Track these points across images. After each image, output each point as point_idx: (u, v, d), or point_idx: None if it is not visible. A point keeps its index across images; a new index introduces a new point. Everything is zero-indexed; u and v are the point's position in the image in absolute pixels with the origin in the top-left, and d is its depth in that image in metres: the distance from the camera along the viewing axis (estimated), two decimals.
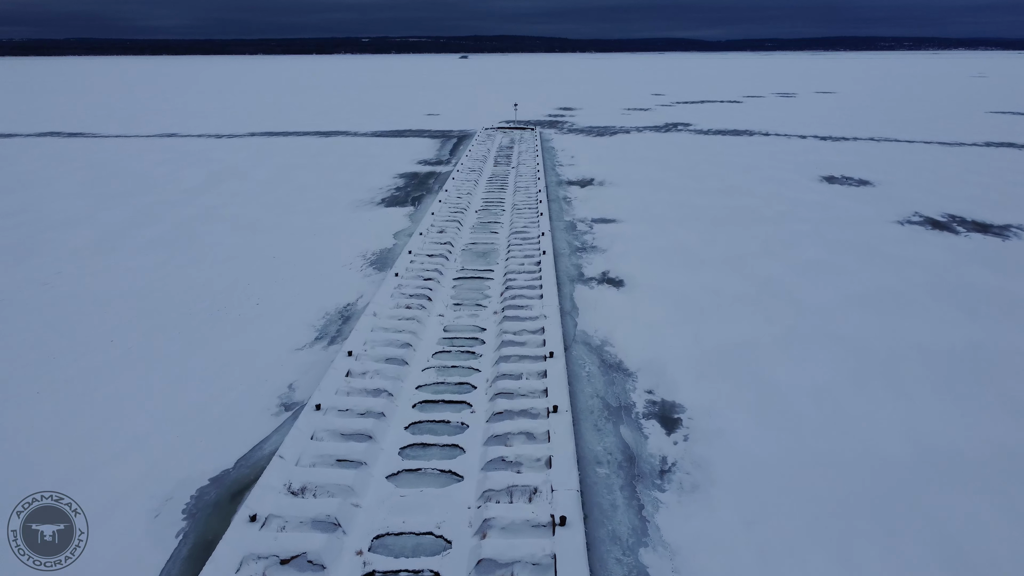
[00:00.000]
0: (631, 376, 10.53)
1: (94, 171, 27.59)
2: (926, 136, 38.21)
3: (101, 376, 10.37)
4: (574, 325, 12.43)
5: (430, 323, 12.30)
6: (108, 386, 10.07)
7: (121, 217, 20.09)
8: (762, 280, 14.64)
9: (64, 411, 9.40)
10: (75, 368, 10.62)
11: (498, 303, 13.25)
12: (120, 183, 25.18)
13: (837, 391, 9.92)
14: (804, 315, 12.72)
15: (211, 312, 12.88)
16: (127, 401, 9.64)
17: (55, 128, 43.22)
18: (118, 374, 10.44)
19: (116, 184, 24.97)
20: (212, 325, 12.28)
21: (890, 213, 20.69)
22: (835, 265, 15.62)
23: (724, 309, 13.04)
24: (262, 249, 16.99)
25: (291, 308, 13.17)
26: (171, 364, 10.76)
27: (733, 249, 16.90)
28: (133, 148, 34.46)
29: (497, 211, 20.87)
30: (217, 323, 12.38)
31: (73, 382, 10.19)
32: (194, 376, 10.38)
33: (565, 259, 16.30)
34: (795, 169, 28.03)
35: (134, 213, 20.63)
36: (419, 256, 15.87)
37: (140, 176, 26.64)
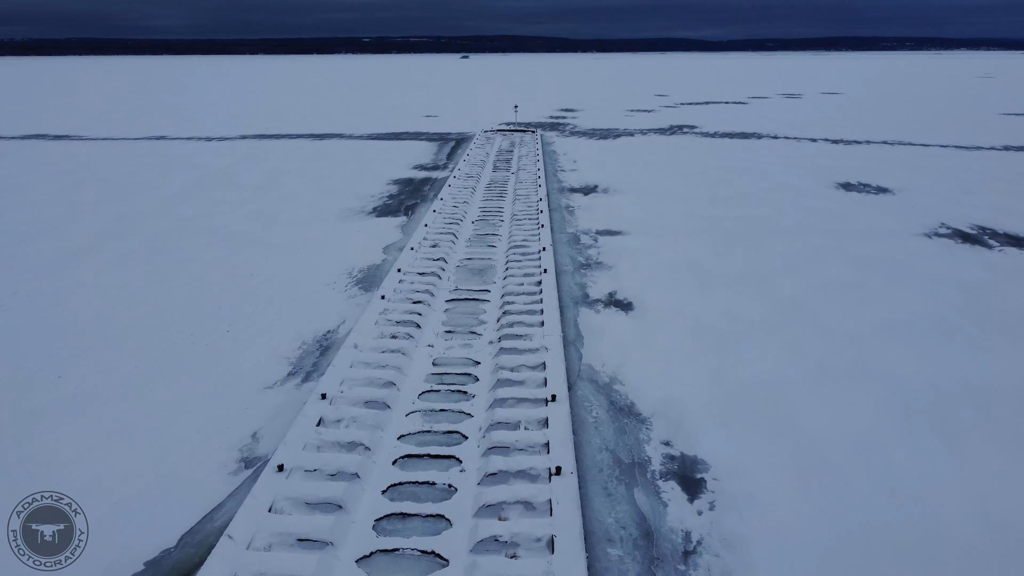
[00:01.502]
0: (645, 423, 9.22)
1: (72, 177, 26.29)
2: (941, 139, 36.86)
3: (38, 424, 9.06)
4: (579, 358, 11.12)
5: (418, 356, 10.98)
6: (44, 437, 8.76)
7: (92, 229, 18.79)
8: (784, 303, 13.32)
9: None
10: (9, 412, 9.31)
11: (494, 330, 11.95)
12: (97, 190, 23.88)
13: (883, 444, 8.60)
14: (835, 346, 11.40)
15: (175, 342, 11.57)
16: (62, 457, 8.32)
17: (41, 131, 41.94)
18: (58, 422, 9.12)
19: (93, 191, 23.68)
20: (174, 358, 10.97)
21: (914, 224, 19.36)
22: (863, 285, 14.30)
23: (745, 338, 11.73)
24: (239, 266, 15.69)
25: (265, 336, 11.86)
26: (121, 408, 9.45)
27: (750, 266, 15.59)
28: (118, 152, 33.16)
29: (495, 222, 19.56)
30: (180, 355, 11.07)
31: (3, 430, 8.88)
32: (145, 423, 9.07)
33: (568, 277, 14.99)
34: (809, 175, 26.70)
35: (107, 224, 19.33)
36: (409, 275, 14.56)
37: (120, 183, 25.34)
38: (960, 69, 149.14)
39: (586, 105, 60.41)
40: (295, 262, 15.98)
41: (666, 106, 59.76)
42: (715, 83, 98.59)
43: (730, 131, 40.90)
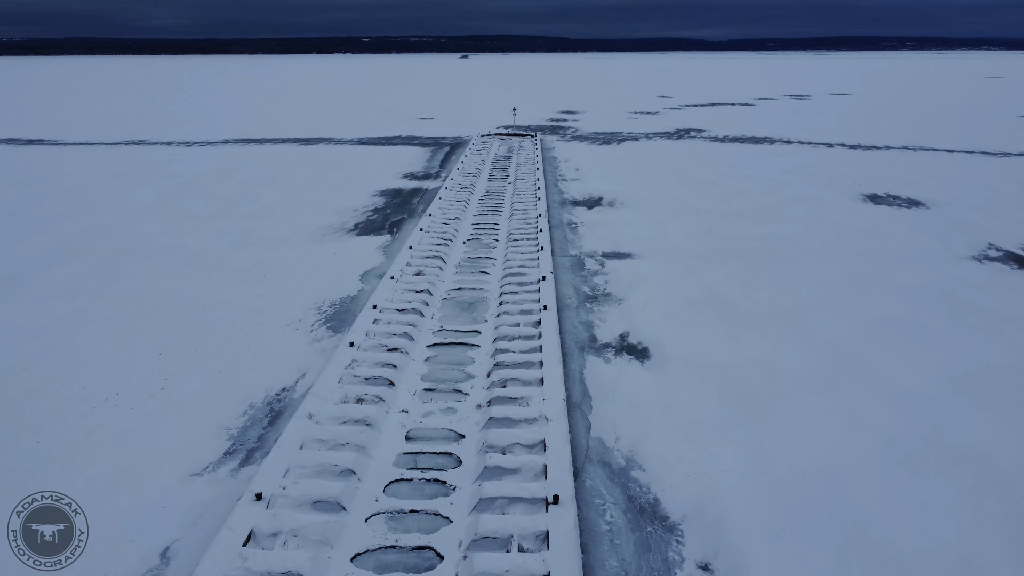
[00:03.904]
0: (674, 531, 7.12)
1: (30, 188, 24.16)
2: (964, 144, 34.77)
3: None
4: (587, 428, 9.02)
5: (388, 426, 8.89)
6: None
7: (38, 249, 16.69)
8: (828, 350, 11.23)
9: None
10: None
11: (484, 387, 9.87)
12: (56, 202, 21.77)
13: (993, 569, 6.51)
14: (901, 412, 9.30)
15: (91, 407, 9.45)
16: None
17: (14, 135, 39.81)
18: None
19: (50, 204, 21.57)
20: (86, 434, 8.84)
21: (959, 245, 17.27)
22: (918, 326, 12.20)
23: (788, 399, 9.64)
24: (194, 297, 13.59)
25: (205, 396, 9.77)
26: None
27: (782, 299, 13.50)
28: (90, 159, 31.04)
29: (489, 242, 17.46)
30: (94, 428, 8.96)
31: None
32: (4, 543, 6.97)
33: (572, 313, 12.90)
34: (831, 185, 24.59)
35: (56, 243, 17.23)
36: (386, 312, 12.46)
37: (82, 193, 23.23)
38: (965, 69, 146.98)
39: (587, 107, 58.28)
40: (258, 294, 13.87)
41: (670, 108, 57.64)
42: (718, 84, 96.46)
43: (740, 135, 38.78)
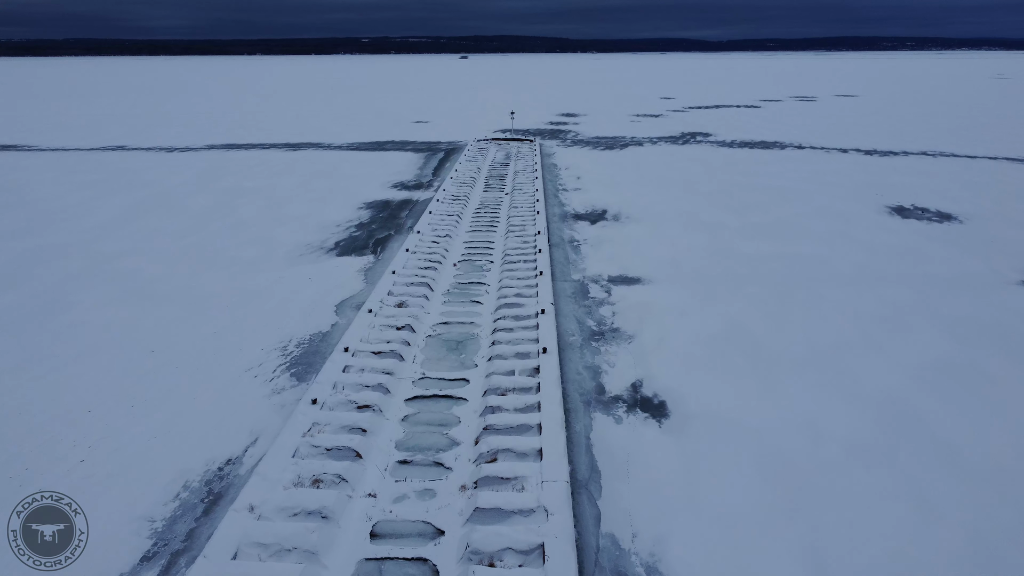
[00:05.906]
0: None
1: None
2: (985, 149, 33.03)
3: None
4: (596, 519, 7.30)
5: (348, 520, 7.16)
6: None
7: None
8: (879, 405, 9.51)
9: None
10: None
11: (469, 461, 8.15)
12: (11, 217, 20.05)
13: None
14: (979, 494, 7.59)
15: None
16: None
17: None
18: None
19: (5, 219, 19.84)
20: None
21: (1003, 267, 15.56)
22: (978, 371, 10.48)
23: (839, 477, 7.92)
24: (142, 335, 11.87)
25: (131, 473, 8.04)
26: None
27: (815, 335, 11.78)
28: (62, 166, 29.31)
29: (483, 264, 15.74)
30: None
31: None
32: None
33: (575, 354, 11.17)
34: (852, 195, 22.87)
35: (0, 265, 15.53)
36: (360, 355, 10.74)
37: (45, 206, 21.52)
38: (969, 70, 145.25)
39: (588, 109, 56.54)
40: (217, 330, 12.14)
41: (674, 110, 55.90)
42: (721, 85, 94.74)
43: (749, 140, 37.04)
